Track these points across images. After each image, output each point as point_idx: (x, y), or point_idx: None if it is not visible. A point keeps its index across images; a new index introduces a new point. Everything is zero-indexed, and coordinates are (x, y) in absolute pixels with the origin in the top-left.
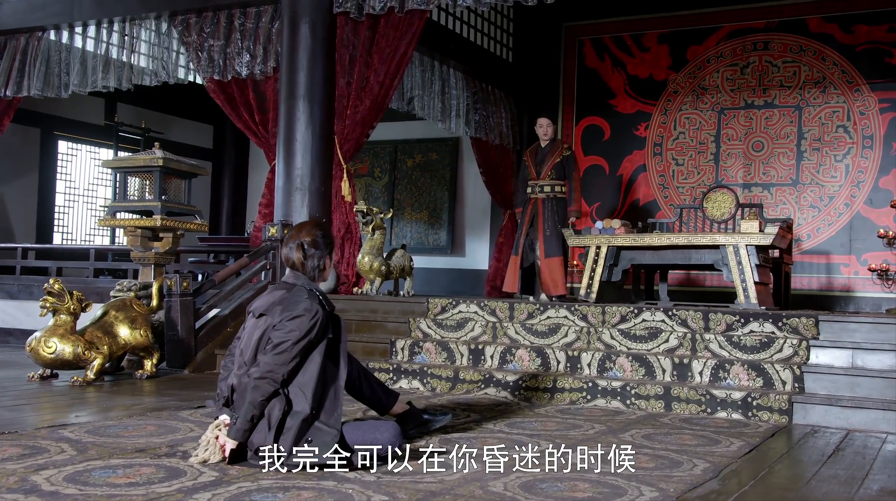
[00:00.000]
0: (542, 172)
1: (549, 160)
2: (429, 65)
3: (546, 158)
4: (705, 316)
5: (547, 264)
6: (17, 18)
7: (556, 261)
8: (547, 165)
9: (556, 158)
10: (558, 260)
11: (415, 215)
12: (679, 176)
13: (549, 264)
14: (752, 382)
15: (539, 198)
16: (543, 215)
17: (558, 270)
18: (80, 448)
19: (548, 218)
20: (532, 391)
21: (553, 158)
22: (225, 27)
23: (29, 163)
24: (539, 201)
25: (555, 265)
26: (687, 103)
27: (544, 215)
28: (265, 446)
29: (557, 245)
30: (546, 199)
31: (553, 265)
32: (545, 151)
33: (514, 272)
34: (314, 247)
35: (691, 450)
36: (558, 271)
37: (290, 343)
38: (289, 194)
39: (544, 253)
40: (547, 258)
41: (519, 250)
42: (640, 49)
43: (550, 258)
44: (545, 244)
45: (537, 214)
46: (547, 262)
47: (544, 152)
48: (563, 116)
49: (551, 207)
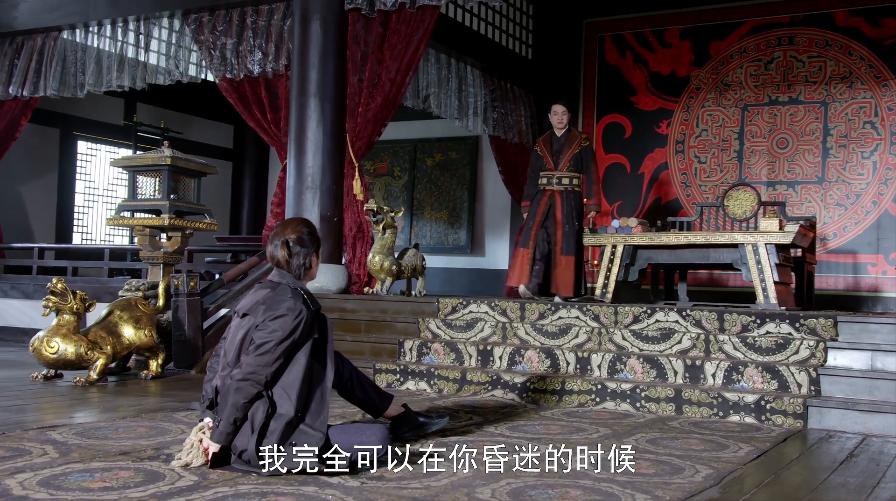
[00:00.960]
0: (560, 162)
1: (568, 151)
2: (445, 62)
3: (563, 148)
4: (720, 317)
5: (560, 262)
6: (34, 18)
7: (570, 260)
8: (565, 155)
9: (575, 149)
10: (572, 260)
11: (434, 215)
12: (702, 174)
13: (563, 261)
14: (767, 384)
15: (556, 190)
16: (562, 210)
17: (569, 270)
18: (63, 451)
19: (567, 213)
20: (540, 393)
21: (572, 149)
22: (237, 25)
23: (48, 163)
24: (556, 194)
25: (568, 265)
26: (710, 100)
27: (563, 210)
28: (248, 449)
29: (574, 243)
30: (564, 192)
31: (566, 265)
32: (561, 141)
33: (522, 265)
34: (299, 245)
35: (696, 456)
36: (569, 271)
37: (273, 344)
38: (300, 192)
39: (560, 249)
40: (562, 256)
41: (530, 243)
42: (661, 45)
43: (566, 257)
44: (563, 240)
45: (554, 206)
46: (561, 260)
47: (560, 142)
48: (584, 113)
49: (570, 201)
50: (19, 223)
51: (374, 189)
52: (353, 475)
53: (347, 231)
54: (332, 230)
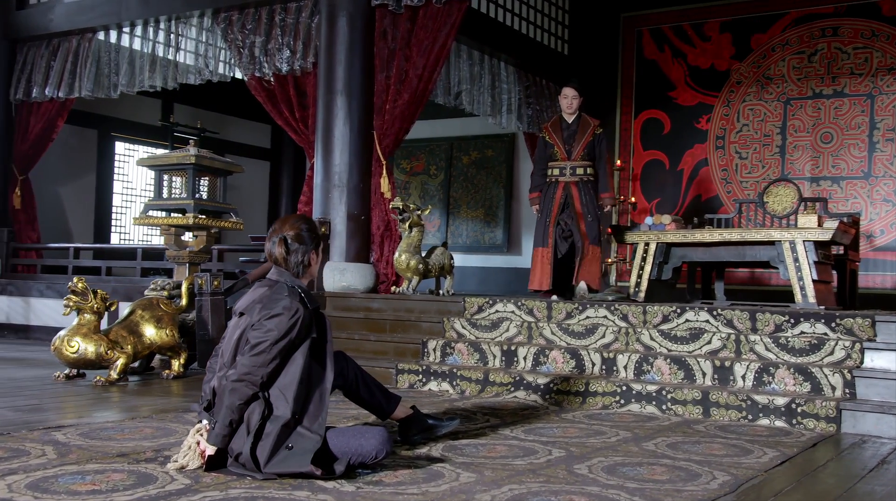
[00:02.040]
0: (573, 152)
1: (581, 139)
2: (478, 59)
3: (576, 136)
4: (752, 316)
5: (589, 252)
6: (69, 20)
7: (597, 250)
8: (578, 144)
9: (588, 137)
10: (598, 250)
11: (470, 214)
12: (743, 170)
13: (591, 251)
14: (799, 387)
15: (571, 181)
16: (581, 200)
17: (596, 260)
18: (62, 452)
19: (586, 203)
20: (563, 395)
21: (585, 137)
22: (266, 23)
23: (86, 164)
24: (572, 185)
25: (594, 254)
26: (751, 94)
27: (581, 200)
28: (244, 452)
29: (597, 233)
30: (579, 182)
31: (594, 255)
32: (573, 128)
33: (543, 267)
34: (298, 242)
35: (717, 461)
36: (596, 262)
37: (269, 344)
38: (327, 191)
39: (589, 240)
40: (591, 246)
41: (549, 241)
42: (701, 38)
43: (592, 246)
44: (588, 231)
45: (571, 198)
46: (590, 250)
47: (572, 130)
48: (622, 109)
49: (586, 191)
50: (58, 224)
51: (411, 188)
52: (350, 479)
53: (375, 230)
54: (359, 229)
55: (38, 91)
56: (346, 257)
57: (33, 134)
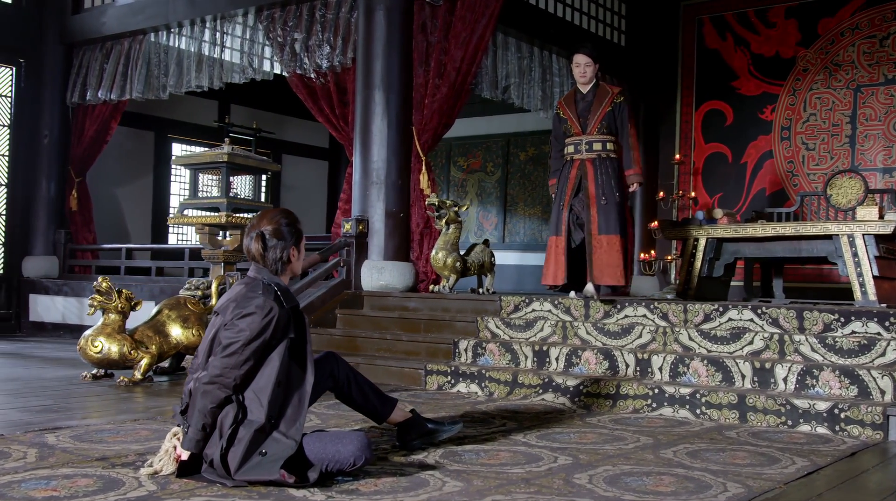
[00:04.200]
0: (588, 125)
1: (598, 110)
2: (527, 51)
3: (592, 107)
4: (799, 315)
5: (600, 244)
6: (121, 23)
7: (614, 240)
8: (595, 116)
9: (606, 107)
10: (616, 239)
11: (528, 211)
12: (810, 162)
13: (604, 242)
14: (845, 390)
15: (587, 159)
16: (596, 180)
17: (615, 251)
18: (43, 455)
19: (602, 183)
20: (593, 398)
21: (602, 107)
22: (307, 20)
23: (143, 166)
24: (587, 163)
25: (612, 246)
26: (818, 82)
27: (596, 180)
28: (215, 457)
29: (616, 219)
30: (596, 160)
31: (610, 246)
32: (588, 100)
33: (557, 259)
34: (276, 237)
35: (735, 471)
36: (615, 253)
37: (240, 344)
38: (365, 188)
39: (597, 228)
40: (601, 235)
41: (562, 228)
42: (765, 25)
43: (607, 236)
44: (599, 217)
45: (585, 178)
46: (601, 240)
47: (587, 101)
48: (682, 101)
49: (604, 169)
50: (116, 225)
51: (468, 186)
52: (325, 487)
53: (414, 227)
54: (398, 226)
55: (91, 94)
56: (384, 255)
57: (88, 136)
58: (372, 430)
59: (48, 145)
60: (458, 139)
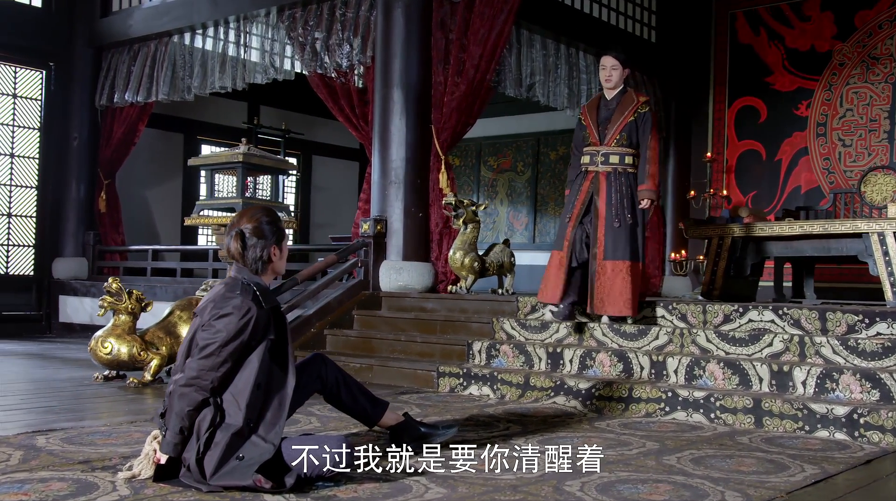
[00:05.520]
0: (606, 135)
1: (619, 119)
2: (553, 48)
3: (614, 115)
4: (822, 316)
5: (603, 270)
6: (147, 25)
7: (622, 267)
8: (615, 125)
9: (629, 116)
10: (624, 265)
11: (558, 211)
12: (846, 159)
13: (608, 268)
14: (866, 395)
15: (601, 172)
16: (608, 198)
17: (621, 279)
18: (27, 458)
19: (615, 202)
20: (605, 401)
21: (624, 117)
22: (327, 19)
23: (173, 167)
24: (601, 177)
25: (618, 273)
26: (855, 76)
27: (609, 198)
28: (192, 462)
29: (627, 243)
30: (612, 174)
31: (615, 273)
32: (611, 106)
33: (557, 274)
34: (256, 235)
35: (738, 479)
36: (620, 281)
37: (217, 346)
38: (384, 187)
39: (603, 252)
40: (606, 261)
41: (564, 244)
42: (799, 19)
43: (613, 261)
44: (607, 239)
45: (597, 194)
46: (605, 266)
47: (610, 108)
48: (715, 97)
49: (619, 185)
50: (146, 227)
51: (498, 186)
52: (302, 493)
53: (433, 227)
54: (416, 226)
55: (119, 96)
56: (403, 255)
57: (116, 139)
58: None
59: (77, 148)
60: (488, 139)
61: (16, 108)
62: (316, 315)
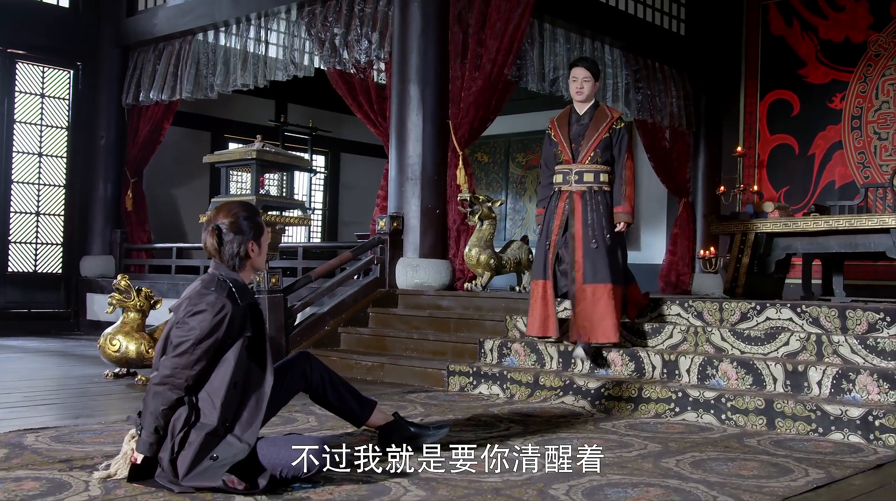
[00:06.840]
0: (580, 152)
1: (593, 135)
2: (577, 42)
3: (587, 131)
4: (842, 313)
5: (583, 295)
6: (171, 24)
7: (602, 290)
8: (589, 142)
9: (604, 132)
10: (605, 289)
11: None
12: (882, 152)
13: (588, 293)
14: (883, 396)
15: (576, 191)
16: (584, 218)
17: (603, 303)
18: (10, 456)
19: (592, 222)
20: (614, 401)
21: (598, 133)
22: (346, 14)
23: (200, 166)
24: (576, 197)
25: (600, 297)
26: (891, 67)
27: (585, 218)
28: (165, 461)
29: (606, 264)
30: (587, 193)
31: (597, 297)
32: (584, 122)
33: (545, 306)
34: (233, 231)
35: (735, 484)
36: (602, 305)
37: (190, 344)
38: (401, 184)
39: (583, 276)
40: (586, 285)
41: (549, 272)
42: (833, 9)
43: (593, 285)
44: (585, 263)
45: (572, 216)
46: (585, 290)
47: (583, 123)
48: (746, 91)
49: (595, 205)
50: (173, 225)
51: (526, 183)
52: (275, 495)
53: (451, 224)
54: (433, 223)
55: (144, 94)
56: (419, 252)
57: (142, 137)
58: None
59: (104, 147)
60: (517, 135)
61: (44, 107)
62: (330, 313)
